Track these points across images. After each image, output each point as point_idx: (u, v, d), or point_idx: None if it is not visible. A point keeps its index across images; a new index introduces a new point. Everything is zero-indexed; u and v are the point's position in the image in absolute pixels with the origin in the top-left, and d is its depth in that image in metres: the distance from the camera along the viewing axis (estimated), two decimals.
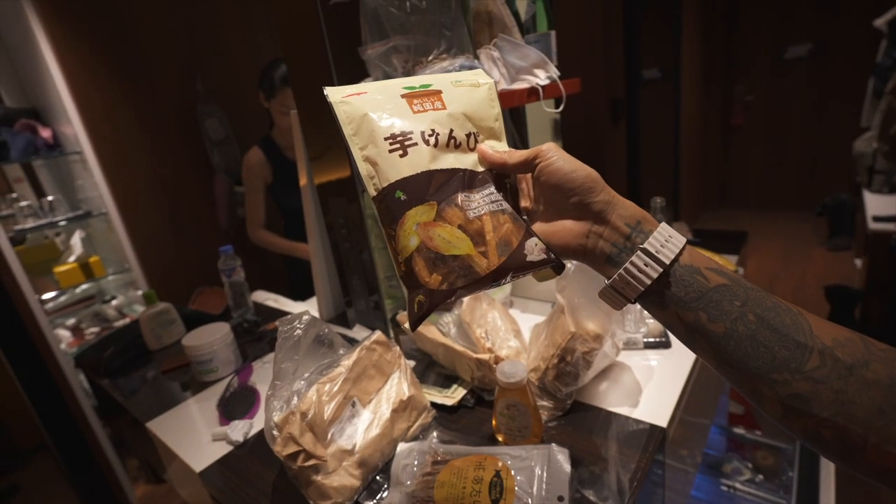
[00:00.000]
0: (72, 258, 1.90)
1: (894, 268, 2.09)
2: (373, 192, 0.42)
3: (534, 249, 0.41)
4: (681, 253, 0.37)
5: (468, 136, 0.44)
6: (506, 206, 0.42)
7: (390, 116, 0.42)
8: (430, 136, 0.42)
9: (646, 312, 0.94)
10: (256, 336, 1.17)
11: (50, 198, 1.89)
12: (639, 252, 0.37)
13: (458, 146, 0.43)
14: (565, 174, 0.40)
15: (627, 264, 0.37)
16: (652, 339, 0.87)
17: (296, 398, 0.62)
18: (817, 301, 2.61)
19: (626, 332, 0.71)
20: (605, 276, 0.40)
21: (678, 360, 0.83)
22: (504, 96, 0.96)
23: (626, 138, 2.74)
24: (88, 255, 1.94)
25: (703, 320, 0.35)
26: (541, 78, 0.95)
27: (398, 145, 0.41)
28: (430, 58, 0.90)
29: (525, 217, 0.44)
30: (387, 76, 0.92)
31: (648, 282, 0.36)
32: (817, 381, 0.32)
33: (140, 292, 1.98)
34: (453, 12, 0.89)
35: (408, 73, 0.90)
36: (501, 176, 0.45)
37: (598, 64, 2.17)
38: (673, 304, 0.37)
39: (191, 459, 0.77)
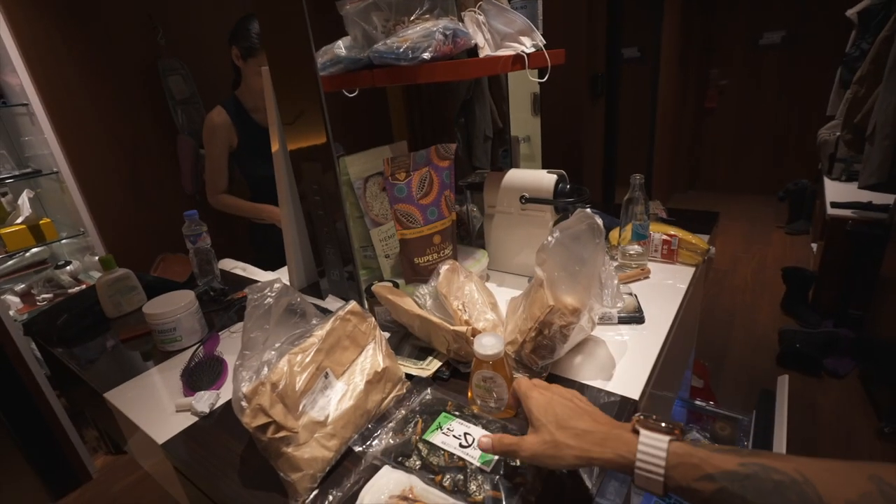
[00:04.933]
0: (20, 219, 1.77)
1: (848, 252, 2.20)
2: None
3: None
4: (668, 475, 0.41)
5: None
6: None
7: None
8: None
9: (623, 288, 0.95)
10: (223, 305, 1.12)
11: None
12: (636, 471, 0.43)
13: None
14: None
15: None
16: (626, 315, 0.88)
17: (266, 369, 0.60)
18: (775, 282, 2.73)
19: (603, 306, 0.72)
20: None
21: (650, 336, 0.84)
22: (488, 62, 0.92)
23: (604, 116, 2.73)
24: (39, 216, 1.82)
25: None
26: (526, 46, 0.92)
27: None
28: (413, 17, 0.85)
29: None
30: (365, 34, 0.87)
31: (661, 491, 0.42)
32: None
33: (97, 258, 1.88)
34: None
35: (388, 33, 0.85)
36: None
37: (581, 37, 2.13)
38: None
39: (153, 431, 0.74)
